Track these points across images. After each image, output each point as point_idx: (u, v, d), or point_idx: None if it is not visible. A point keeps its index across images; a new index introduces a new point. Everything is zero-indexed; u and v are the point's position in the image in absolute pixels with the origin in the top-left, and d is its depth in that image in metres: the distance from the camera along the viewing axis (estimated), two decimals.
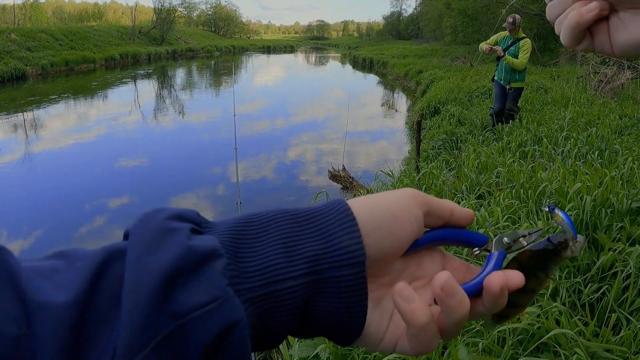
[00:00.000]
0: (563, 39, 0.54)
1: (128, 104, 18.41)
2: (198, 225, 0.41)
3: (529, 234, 0.49)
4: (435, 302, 0.43)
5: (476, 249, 0.49)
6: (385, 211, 0.44)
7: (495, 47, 7.34)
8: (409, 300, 0.41)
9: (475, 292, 0.44)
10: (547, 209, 0.51)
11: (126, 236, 0.40)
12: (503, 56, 7.19)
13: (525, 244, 0.48)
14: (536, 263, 0.47)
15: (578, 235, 0.48)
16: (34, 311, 0.32)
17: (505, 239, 0.48)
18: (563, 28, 0.54)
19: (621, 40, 0.50)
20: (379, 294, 0.45)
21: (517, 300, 0.47)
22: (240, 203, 5.90)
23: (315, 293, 0.41)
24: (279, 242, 0.41)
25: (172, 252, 0.36)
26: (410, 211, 0.45)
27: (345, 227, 0.42)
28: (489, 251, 0.48)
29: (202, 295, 0.35)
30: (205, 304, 0.35)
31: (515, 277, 0.44)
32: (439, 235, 0.48)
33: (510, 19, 7.13)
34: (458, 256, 0.53)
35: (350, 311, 0.42)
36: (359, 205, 0.44)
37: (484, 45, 7.45)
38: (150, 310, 0.33)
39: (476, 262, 0.53)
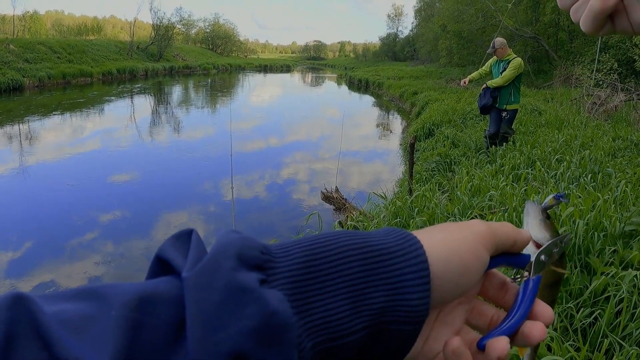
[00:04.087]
0: (585, 26, 0.55)
1: (123, 119, 18.46)
2: (261, 267, 0.37)
3: (560, 241, 0.51)
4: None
5: (512, 277, 0.50)
6: (459, 264, 0.43)
7: (465, 80, 7.73)
8: (460, 358, 0.43)
9: (510, 333, 0.45)
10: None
11: (160, 260, 0.38)
12: (485, 86, 7.33)
13: (556, 250, 0.51)
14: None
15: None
16: None
17: (543, 257, 0.49)
18: (584, 15, 0.54)
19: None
20: None
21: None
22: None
23: (372, 339, 0.39)
24: (346, 290, 0.38)
25: (247, 329, 0.32)
26: (481, 260, 0.45)
27: (418, 282, 0.40)
28: (528, 273, 0.49)
29: None
30: None
31: (548, 316, 0.47)
32: (493, 265, 0.47)
33: (491, 44, 7.27)
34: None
35: (399, 352, 0.42)
36: (434, 251, 0.42)
37: (465, 80, 7.76)
38: None
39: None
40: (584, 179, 5.17)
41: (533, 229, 0.52)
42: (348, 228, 5.33)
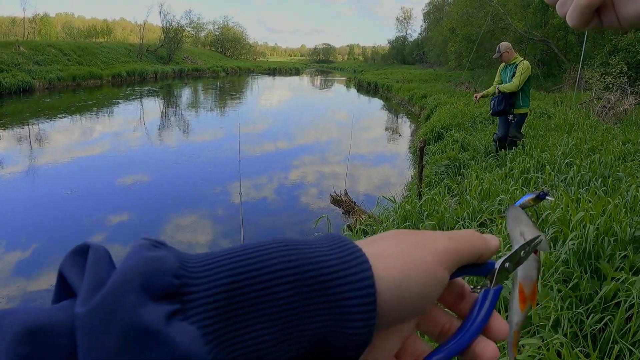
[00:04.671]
0: (572, 20, 0.53)
1: (132, 121, 18.54)
2: (174, 294, 0.32)
3: (528, 245, 0.49)
4: None
5: (472, 287, 0.47)
6: (414, 292, 0.39)
7: (477, 95, 7.72)
8: None
9: (461, 350, 0.43)
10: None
11: (62, 279, 0.34)
12: (495, 92, 7.28)
13: (523, 255, 0.49)
14: None
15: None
16: None
17: (507, 265, 0.47)
18: (571, 10, 0.53)
19: (630, 14, 0.50)
20: None
21: None
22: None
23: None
24: (277, 316, 0.33)
25: None
26: (440, 283, 0.41)
27: (362, 309, 0.35)
28: (489, 282, 0.46)
29: None
30: None
31: (502, 332, 0.44)
32: (454, 276, 0.44)
33: (497, 49, 7.25)
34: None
35: None
36: (385, 274, 0.37)
37: (477, 95, 7.76)
38: None
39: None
40: (594, 183, 5.14)
41: (515, 235, 0.50)
42: (357, 232, 5.32)
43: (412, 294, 0.38)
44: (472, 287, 0.47)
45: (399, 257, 0.39)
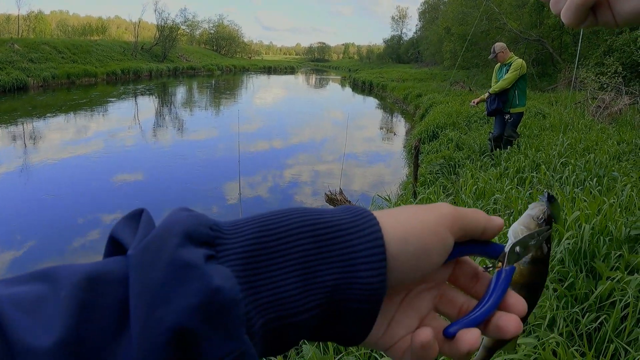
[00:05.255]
0: (566, 18, 0.52)
1: (127, 119, 18.49)
2: (210, 243, 0.37)
3: (538, 235, 0.49)
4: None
5: (485, 266, 0.49)
6: (418, 246, 0.42)
7: (475, 100, 7.88)
8: (429, 351, 0.43)
9: (480, 322, 0.45)
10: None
11: (114, 241, 0.38)
12: (488, 95, 7.32)
13: (533, 244, 0.49)
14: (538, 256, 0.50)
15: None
16: (20, 358, 0.28)
17: (517, 249, 0.48)
18: (565, 7, 0.52)
19: (626, 11, 0.49)
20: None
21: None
22: None
23: (328, 318, 0.39)
24: (297, 267, 0.38)
25: (189, 305, 0.32)
26: (444, 243, 0.44)
27: (373, 259, 0.39)
28: (500, 264, 0.48)
29: (219, 349, 0.33)
30: (221, 357, 0.33)
31: (521, 308, 0.46)
32: (462, 252, 0.47)
33: (492, 49, 7.27)
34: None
35: (358, 333, 0.41)
36: (391, 229, 0.41)
37: (475, 100, 7.87)
38: None
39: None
40: (589, 183, 5.14)
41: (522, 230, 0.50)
42: None
43: (418, 248, 0.42)
44: (484, 266, 0.49)
45: (405, 217, 0.43)
